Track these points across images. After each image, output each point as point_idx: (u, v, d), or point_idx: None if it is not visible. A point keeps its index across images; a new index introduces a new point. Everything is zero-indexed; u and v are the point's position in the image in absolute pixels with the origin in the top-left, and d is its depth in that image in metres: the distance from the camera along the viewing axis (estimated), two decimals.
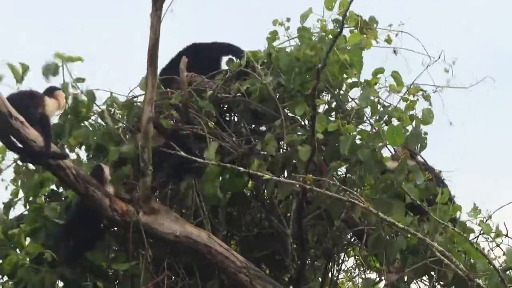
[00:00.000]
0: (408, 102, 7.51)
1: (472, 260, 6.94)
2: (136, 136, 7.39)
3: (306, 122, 7.57)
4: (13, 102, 6.81)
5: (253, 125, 8.09)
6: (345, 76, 7.64)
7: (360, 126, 7.61)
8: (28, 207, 7.69)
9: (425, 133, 7.34)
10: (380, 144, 7.15)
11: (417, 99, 7.54)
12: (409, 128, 7.41)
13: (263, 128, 8.04)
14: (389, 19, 7.70)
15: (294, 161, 7.37)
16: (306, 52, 7.56)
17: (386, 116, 7.45)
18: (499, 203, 7.19)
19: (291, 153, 7.38)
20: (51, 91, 7.28)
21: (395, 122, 7.43)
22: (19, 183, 7.80)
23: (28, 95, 7.12)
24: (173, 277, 7.47)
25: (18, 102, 6.89)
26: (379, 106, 7.53)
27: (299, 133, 7.59)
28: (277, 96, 7.61)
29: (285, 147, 7.62)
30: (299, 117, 7.51)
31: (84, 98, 7.72)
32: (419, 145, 7.34)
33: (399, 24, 7.68)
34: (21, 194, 7.81)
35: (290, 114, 7.68)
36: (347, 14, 6.46)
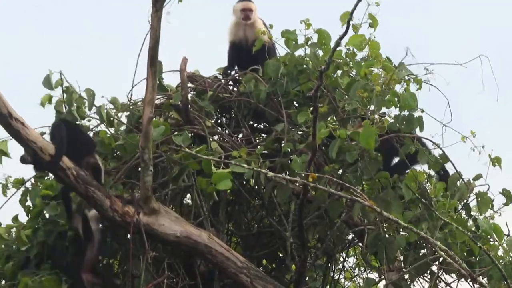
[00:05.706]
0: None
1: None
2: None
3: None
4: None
5: (255, 124, 8.11)
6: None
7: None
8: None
9: (420, 116, 7.35)
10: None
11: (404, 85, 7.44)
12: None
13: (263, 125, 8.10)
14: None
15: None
16: (294, 56, 7.61)
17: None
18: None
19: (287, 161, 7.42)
20: None
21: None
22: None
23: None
24: (174, 277, 7.46)
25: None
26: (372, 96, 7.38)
27: (299, 132, 7.61)
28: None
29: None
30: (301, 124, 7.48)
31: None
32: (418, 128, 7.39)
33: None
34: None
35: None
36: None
